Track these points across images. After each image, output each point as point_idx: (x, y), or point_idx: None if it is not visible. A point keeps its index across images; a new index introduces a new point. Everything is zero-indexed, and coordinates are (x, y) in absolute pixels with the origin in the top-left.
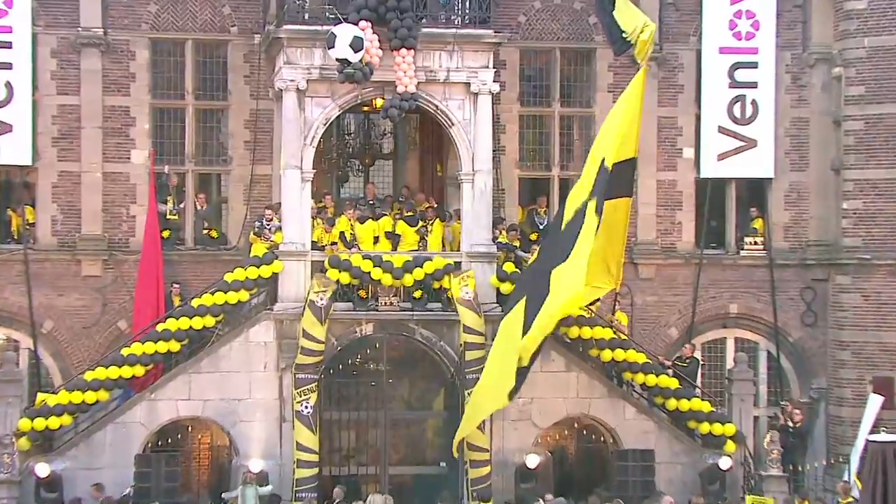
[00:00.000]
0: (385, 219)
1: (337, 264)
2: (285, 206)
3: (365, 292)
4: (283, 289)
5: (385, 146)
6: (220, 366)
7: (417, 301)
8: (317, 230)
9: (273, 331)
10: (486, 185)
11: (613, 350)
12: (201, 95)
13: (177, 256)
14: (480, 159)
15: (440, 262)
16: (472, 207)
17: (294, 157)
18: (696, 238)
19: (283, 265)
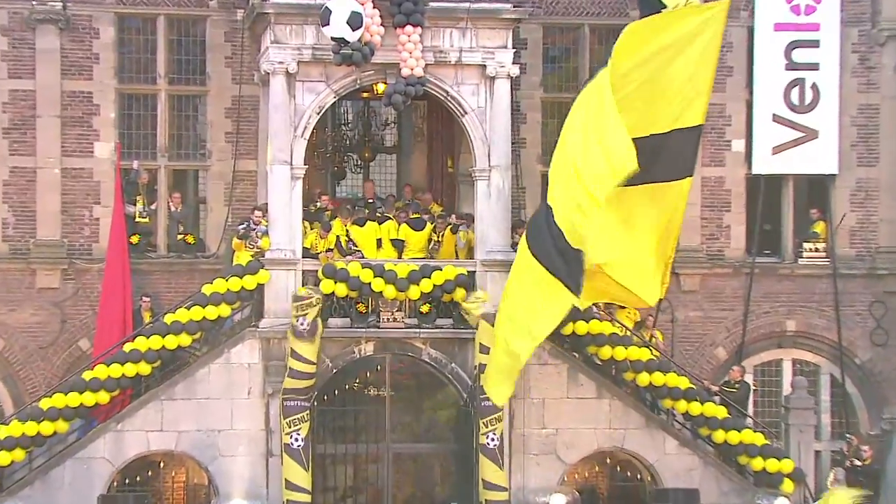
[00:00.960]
0: (390, 222)
1: (332, 274)
2: (272, 206)
3: (364, 306)
4: (269, 302)
5: (387, 138)
6: (198, 391)
7: (425, 316)
8: (310, 235)
9: (258, 351)
10: (503, 182)
11: (651, 373)
12: (175, 80)
13: (147, 265)
14: (497, 153)
15: (451, 271)
16: (487, 209)
17: (283, 151)
18: (748, 244)
19: (269, 275)
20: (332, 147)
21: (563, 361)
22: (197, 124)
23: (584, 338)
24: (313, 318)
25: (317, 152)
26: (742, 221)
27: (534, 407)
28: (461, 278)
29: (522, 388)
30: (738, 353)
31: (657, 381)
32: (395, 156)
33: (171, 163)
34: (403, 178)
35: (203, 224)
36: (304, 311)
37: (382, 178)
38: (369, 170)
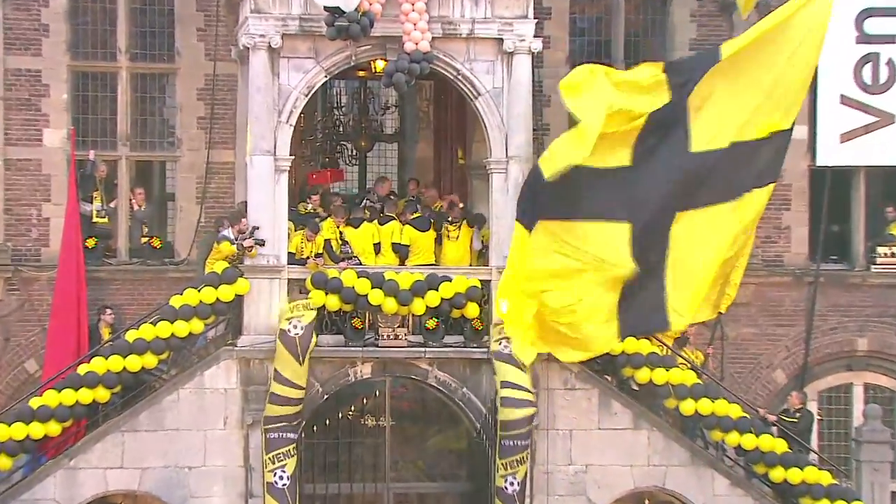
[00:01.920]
0: (393, 224)
1: (322, 284)
2: (252, 204)
3: (361, 322)
4: (249, 317)
5: (387, 124)
6: (165, 421)
7: (431, 333)
8: (295, 237)
9: (236, 374)
10: (523, 176)
11: (697, 400)
12: (139, 56)
13: (106, 273)
14: (516, 142)
15: (462, 282)
16: (505, 207)
17: (265, 139)
18: (811, 248)
19: (249, 285)
20: (323, 135)
21: (593, 386)
22: (164, 108)
23: (619, 358)
24: (310, 321)
25: (305, 141)
26: (804, 222)
27: (559, 440)
28: (473, 291)
29: (546, 418)
30: (799, 376)
31: (704, 410)
32: (397, 145)
33: (133, 153)
34: (406, 171)
35: (171, 225)
36: (301, 311)
37: (382, 171)
38: (366, 161)
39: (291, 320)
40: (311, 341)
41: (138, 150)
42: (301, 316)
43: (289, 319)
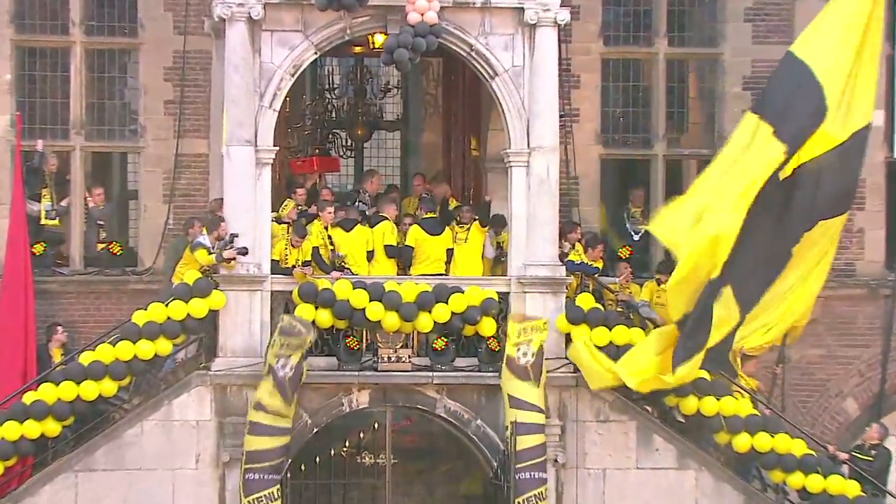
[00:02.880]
0: (385, 224)
1: (312, 297)
2: (230, 203)
3: (357, 341)
4: (226, 336)
5: (388, 109)
6: (126, 459)
7: (440, 355)
8: (278, 243)
9: (210, 403)
10: (548, 170)
11: (754, 434)
12: (95, 28)
13: (57, 285)
14: (540, 131)
15: (476, 294)
16: (526, 206)
17: (244, 127)
18: (888, 255)
19: (225, 298)
20: (313, 122)
21: (630, 418)
22: (125, 90)
23: None
24: (298, 360)
25: (291, 129)
26: (880, 223)
27: (591, 481)
28: (489, 304)
29: (575, 455)
30: (874, 406)
31: (762, 446)
32: (399, 134)
33: (89, 143)
34: (411, 164)
35: (134, 228)
36: (291, 350)
37: (381, 164)
38: (363, 152)
39: (280, 357)
40: (301, 379)
41: (95, 139)
42: (290, 354)
43: (277, 356)
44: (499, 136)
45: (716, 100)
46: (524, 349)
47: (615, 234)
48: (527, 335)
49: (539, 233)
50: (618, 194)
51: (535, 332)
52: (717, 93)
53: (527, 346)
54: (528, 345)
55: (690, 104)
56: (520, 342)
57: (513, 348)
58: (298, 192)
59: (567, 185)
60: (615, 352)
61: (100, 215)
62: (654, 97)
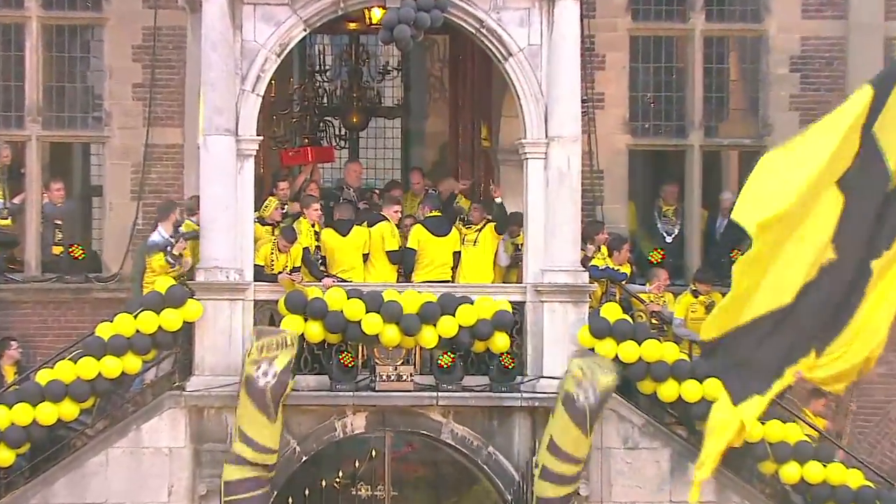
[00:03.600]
0: (383, 225)
1: (301, 307)
2: (207, 200)
3: (352, 357)
4: (203, 351)
5: (388, 93)
6: (89, 492)
7: (446, 373)
8: (263, 247)
9: (185, 428)
10: (569, 163)
11: (804, 464)
12: (54, 2)
13: (10, 294)
14: (559, 118)
15: (487, 305)
16: (544, 204)
17: (223, 114)
18: None
19: (202, 309)
20: (302, 108)
21: (663, 444)
22: (88, 72)
23: (698, 406)
24: (285, 365)
25: (277, 116)
26: None
27: None
28: (502, 317)
29: (599, 487)
30: None
31: (813, 477)
32: (400, 121)
33: (47, 132)
34: (413, 156)
35: (98, 229)
36: (273, 352)
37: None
38: (359, 143)
39: (260, 364)
40: (286, 390)
41: (53, 127)
42: (273, 357)
43: (256, 362)
44: (513, 125)
45: (759, 82)
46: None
47: (645, 236)
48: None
49: (558, 234)
50: (648, 190)
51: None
52: (760, 74)
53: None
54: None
55: (731, 87)
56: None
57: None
58: (280, 187)
59: (590, 180)
60: (645, 369)
61: (59, 214)
62: (690, 79)
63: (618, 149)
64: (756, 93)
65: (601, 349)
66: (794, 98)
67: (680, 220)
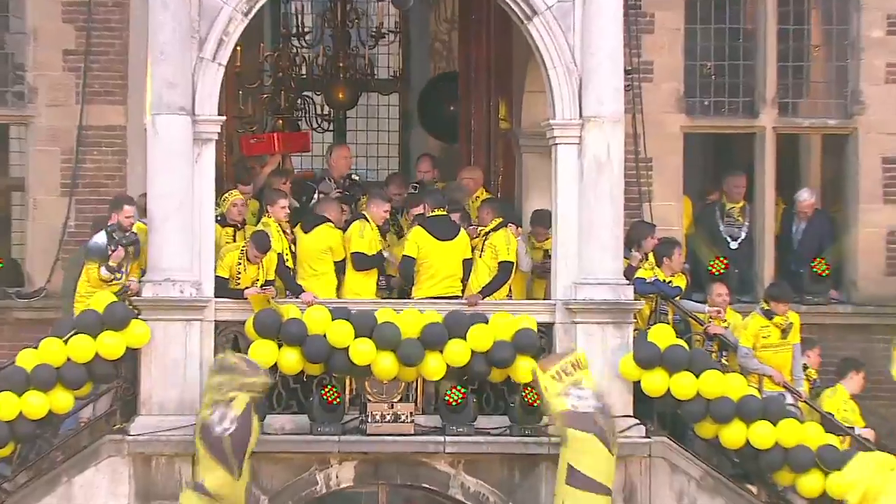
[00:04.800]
0: (355, 225)
1: (273, 329)
2: (156, 193)
3: (337, 392)
4: (150, 385)
5: (382, 63)
6: None
7: (455, 412)
8: (228, 255)
9: (129, 481)
10: (609, 150)
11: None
12: None
13: None
14: (597, 93)
15: (507, 323)
16: (577, 201)
17: (177, 89)
18: None
19: (149, 332)
20: (275, 81)
21: (727, 502)
22: (6, 35)
23: (769, 454)
24: (243, 409)
25: (244, 91)
26: None
27: None
28: (525, 338)
29: None
30: None
31: None
32: (397, 98)
33: None
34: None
35: (20, 232)
36: (229, 393)
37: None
38: (346, 124)
39: (215, 408)
40: (250, 437)
41: None
42: (230, 399)
43: (211, 405)
44: (538, 102)
45: (849, 48)
46: (578, 394)
47: (704, 240)
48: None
49: (596, 239)
50: (708, 184)
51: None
52: (850, 38)
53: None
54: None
55: (812, 55)
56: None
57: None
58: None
59: (636, 171)
60: (704, 407)
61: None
62: (761, 45)
63: (670, 132)
64: (844, 61)
65: (650, 383)
66: (893, 68)
67: (748, 220)
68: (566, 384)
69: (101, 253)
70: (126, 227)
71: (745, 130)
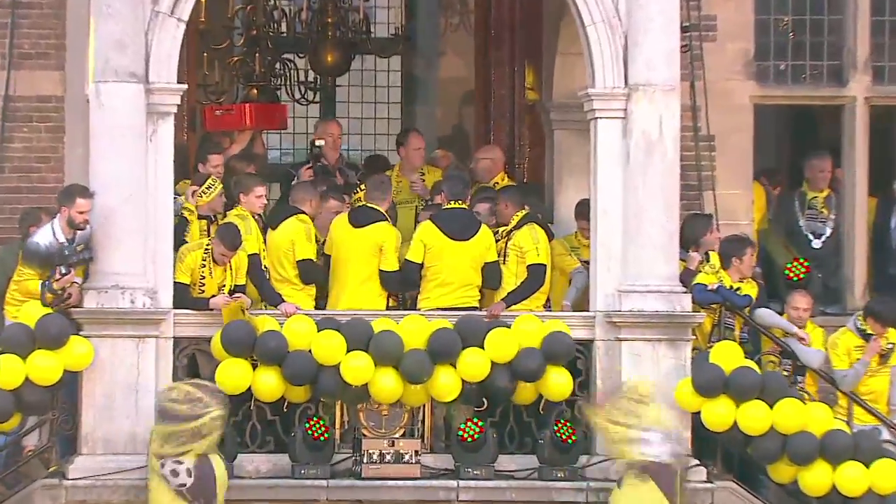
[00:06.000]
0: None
1: (246, 346)
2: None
3: (324, 425)
4: (92, 417)
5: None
6: None
7: (470, 449)
8: (189, 255)
9: None
10: (661, 125)
11: None
12: None
13: None
14: (646, 56)
15: (534, 327)
16: (622, 189)
17: (126, 51)
18: None
19: (92, 351)
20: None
21: None
22: None
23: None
24: (200, 456)
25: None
26: None
27: None
28: (558, 342)
29: None
30: None
31: None
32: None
33: None
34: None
35: None
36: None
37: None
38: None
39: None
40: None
41: None
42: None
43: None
44: (574, 67)
45: None
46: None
47: (780, 238)
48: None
49: (645, 236)
50: (785, 167)
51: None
52: None
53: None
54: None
55: None
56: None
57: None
58: (211, 161)
59: (695, 152)
60: (780, 445)
61: None
62: None
63: (737, 103)
64: None
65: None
66: None
67: (834, 213)
68: (631, 428)
69: (42, 260)
70: (79, 225)
71: (831, 102)
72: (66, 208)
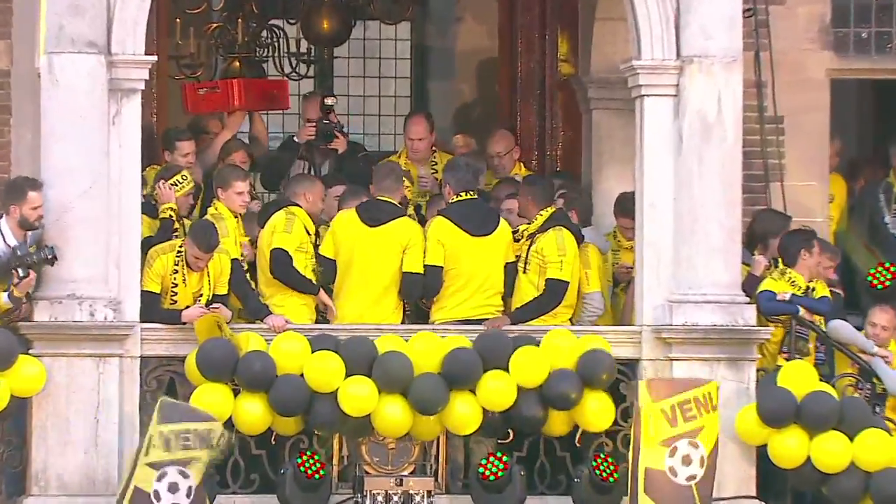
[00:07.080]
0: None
1: (226, 368)
2: (56, 170)
3: (319, 462)
4: (45, 452)
5: None
6: None
7: (493, 489)
8: (160, 261)
9: None
10: (720, 103)
11: None
12: None
13: None
14: (702, 23)
15: (568, 344)
16: (673, 180)
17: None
18: None
19: (44, 373)
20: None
21: None
22: None
23: None
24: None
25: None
26: None
27: None
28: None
29: None
30: None
31: None
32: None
33: None
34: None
35: None
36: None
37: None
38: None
39: (165, 469)
40: None
41: None
42: (190, 459)
43: (158, 466)
44: (616, 35)
45: None
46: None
47: (861, 239)
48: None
49: (701, 236)
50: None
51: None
52: None
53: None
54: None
55: None
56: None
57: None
58: (180, 149)
59: (761, 136)
60: (862, 482)
61: None
62: None
63: (811, 78)
64: None
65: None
66: None
67: None
68: (679, 430)
69: None
70: (33, 224)
71: None
72: (15, 207)
